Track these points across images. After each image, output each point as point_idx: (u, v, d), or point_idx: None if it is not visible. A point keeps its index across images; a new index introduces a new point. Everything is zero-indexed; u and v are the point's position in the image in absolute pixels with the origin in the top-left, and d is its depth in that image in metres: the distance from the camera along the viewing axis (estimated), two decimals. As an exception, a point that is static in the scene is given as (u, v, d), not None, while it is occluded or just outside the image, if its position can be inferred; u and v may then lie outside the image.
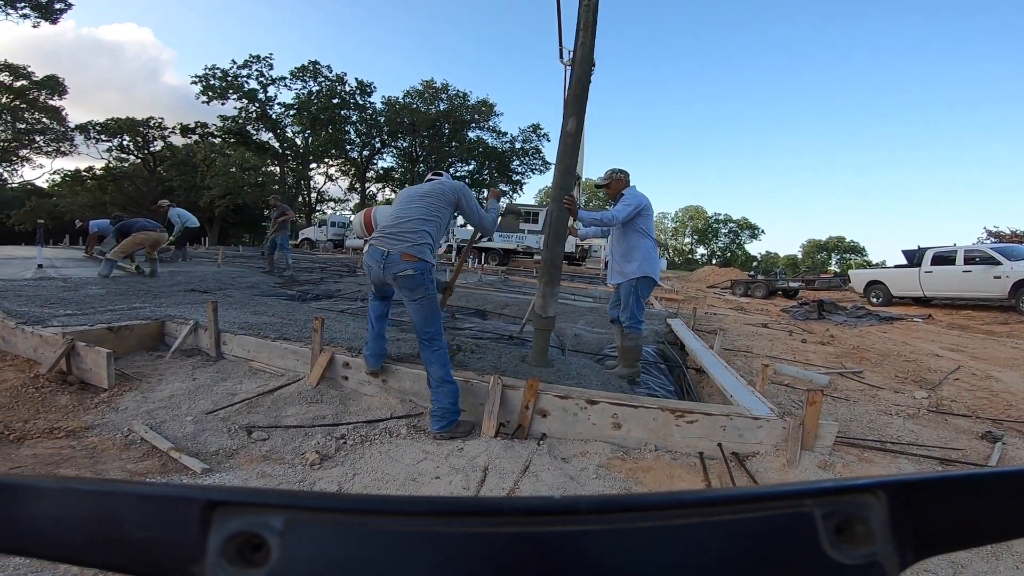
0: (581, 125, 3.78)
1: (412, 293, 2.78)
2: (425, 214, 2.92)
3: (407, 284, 2.78)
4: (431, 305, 2.83)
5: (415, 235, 2.83)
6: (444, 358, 2.83)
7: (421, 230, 2.86)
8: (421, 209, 2.94)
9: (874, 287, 13.99)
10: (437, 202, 2.99)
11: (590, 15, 3.73)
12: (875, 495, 0.29)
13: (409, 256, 2.77)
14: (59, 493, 0.27)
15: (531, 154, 39.69)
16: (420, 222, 2.88)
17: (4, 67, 30.89)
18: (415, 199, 3.00)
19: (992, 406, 4.05)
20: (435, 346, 2.83)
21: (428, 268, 2.81)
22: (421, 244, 2.82)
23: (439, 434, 2.72)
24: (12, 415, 2.72)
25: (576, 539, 0.27)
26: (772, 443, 2.66)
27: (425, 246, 2.83)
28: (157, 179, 38.04)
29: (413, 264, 2.77)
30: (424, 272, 2.79)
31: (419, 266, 2.78)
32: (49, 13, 23.44)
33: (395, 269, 2.78)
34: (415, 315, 2.84)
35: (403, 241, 2.81)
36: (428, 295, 2.81)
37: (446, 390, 2.75)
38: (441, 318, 2.95)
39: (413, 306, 2.82)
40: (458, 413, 2.79)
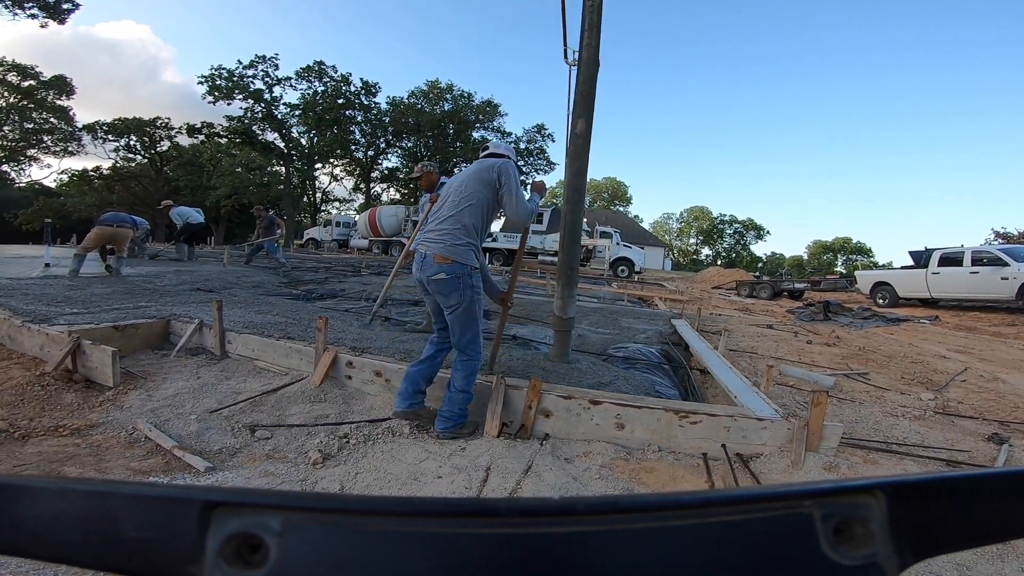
0: (590, 126, 3.79)
1: (446, 299, 2.57)
2: (461, 206, 2.62)
3: (439, 289, 2.55)
4: (468, 314, 2.59)
5: (449, 234, 2.57)
6: (472, 369, 2.67)
7: (456, 228, 2.58)
8: (457, 200, 2.64)
9: (880, 288, 13.91)
10: (474, 187, 2.65)
11: (595, 16, 3.73)
12: (874, 496, 0.29)
13: (442, 258, 2.53)
14: (56, 494, 0.28)
15: (535, 155, 39.64)
16: (455, 219, 2.60)
17: (12, 67, 31.10)
18: (454, 188, 2.71)
19: (999, 408, 4.02)
20: (466, 356, 2.66)
21: (464, 271, 2.53)
22: (456, 244, 2.55)
23: (442, 434, 2.65)
24: (18, 413, 2.74)
25: (574, 540, 0.27)
26: (776, 445, 2.65)
27: (462, 246, 2.56)
28: (164, 179, 38.21)
29: (446, 267, 2.51)
30: (459, 276, 2.52)
31: (453, 269, 2.51)
32: (57, 13, 23.57)
33: (428, 272, 2.57)
34: (451, 324, 2.64)
35: (437, 242, 2.58)
36: (464, 303, 2.55)
37: (461, 398, 2.66)
38: (479, 328, 2.69)
39: (449, 315, 2.62)
40: (465, 417, 2.70)
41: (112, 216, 7.82)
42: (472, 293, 2.57)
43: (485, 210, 2.66)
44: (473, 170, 2.73)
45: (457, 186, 2.71)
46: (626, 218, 54.10)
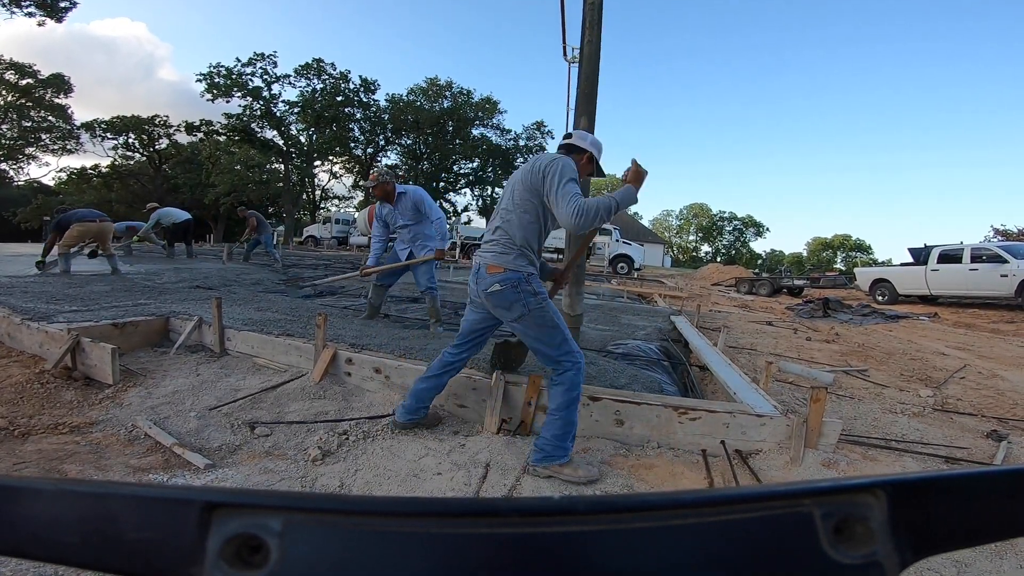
0: (593, 122, 3.79)
1: (509, 312, 2.32)
2: (508, 216, 2.37)
3: (498, 303, 2.32)
4: (541, 320, 2.30)
5: (499, 244, 2.35)
6: (573, 382, 2.30)
7: (505, 239, 2.35)
8: (508, 207, 2.39)
9: (880, 285, 13.94)
10: (521, 193, 2.35)
11: (595, 13, 3.72)
12: (874, 495, 0.29)
13: (495, 267, 2.32)
14: (56, 494, 0.27)
15: (535, 151, 39.58)
16: (503, 230, 2.36)
17: (10, 65, 31.01)
18: (507, 192, 2.46)
19: (998, 405, 4.03)
20: (562, 367, 2.31)
21: (520, 278, 2.29)
22: (506, 252, 2.33)
23: (535, 467, 2.30)
24: (17, 410, 2.74)
25: (575, 540, 0.27)
26: (776, 441, 2.65)
27: (513, 252, 2.32)
28: (163, 177, 38.16)
29: (499, 276, 2.30)
30: (516, 284, 2.28)
31: (507, 278, 2.28)
32: (55, 11, 23.45)
33: (483, 286, 2.35)
34: (525, 339, 2.39)
35: (488, 251, 2.38)
36: (530, 309, 2.28)
37: (559, 422, 2.29)
38: (565, 332, 2.34)
39: (518, 328, 2.36)
40: (566, 451, 2.28)
41: (89, 212, 7.62)
42: (536, 299, 2.30)
43: (536, 220, 2.35)
44: (523, 172, 2.40)
45: (509, 190, 2.45)
46: (625, 215, 54.02)
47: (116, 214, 30.15)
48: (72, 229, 7.17)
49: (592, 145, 2.53)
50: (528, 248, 2.34)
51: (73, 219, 7.29)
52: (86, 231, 7.31)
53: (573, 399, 2.30)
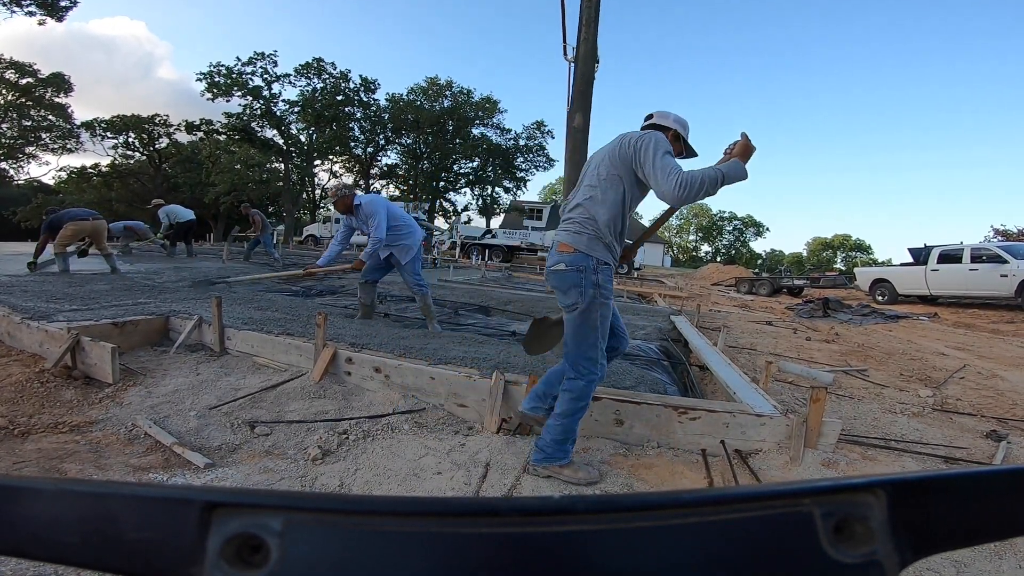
0: (588, 120, 3.79)
1: (564, 296, 2.18)
2: (591, 192, 2.21)
3: (558, 283, 2.19)
4: (585, 319, 2.17)
5: (576, 223, 2.20)
6: (581, 392, 2.22)
7: (585, 218, 2.19)
8: (591, 184, 2.23)
9: (880, 285, 13.94)
10: (608, 168, 2.19)
11: (592, 10, 3.72)
12: (874, 494, 0.29)
13: (565, 246, 2.18)
14: (56, 494, 0.27)
15: (535, 151, 39.59)
16: (584, 208, 2.20)
17: (10, 65, 31.00)
18: (589, 170, 2.29)
19: (997, 405, 4.03)
20: (575, 373, 2.22)
21: (589, 264, 2.13)
22: (581, 233, 2.17)
23: (535, 466, 2.29)
24: (17, 410, 2.74)
25: (575, 539, 0.27)
26: (775, 441, 2.65)
27: (588, 233, 2.16)
28: (163, 176, 38.17)
29: (567, 256, 2.15)
30: (582, 269, 2.13)
31: (575, 259, 2.14)
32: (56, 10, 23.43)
33: (549, 262, 2.22)
34: (565, 329, 2.26)
35: (563, 230, 2.23)
36: (584, 303, 2.14)
37: (559, 427, 2.24)
38: (599, 342, 2.21)
39: (565, 317, 2.24)
40: (564, 454, 2.26)
41: (82, 211, 7.61)
42: (595, 292, 2.14)
43: (622, 197, 2.18)
44: (610, 146, 2.25)
45: (593, 167, 2.28)
46: (625, 215, 53.95)
47: (116, 213, 30.20)
48: (66, 228, 7.18)
49: (676, 122, 2.37)
50: (610, 230, 2.17)
51: (66, 219, 7.30)
52: (79, 230, 7.32)
53: (578, 409, 2.24)
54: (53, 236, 7.18)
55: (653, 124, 2.36)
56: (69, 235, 7.23)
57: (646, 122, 2.40)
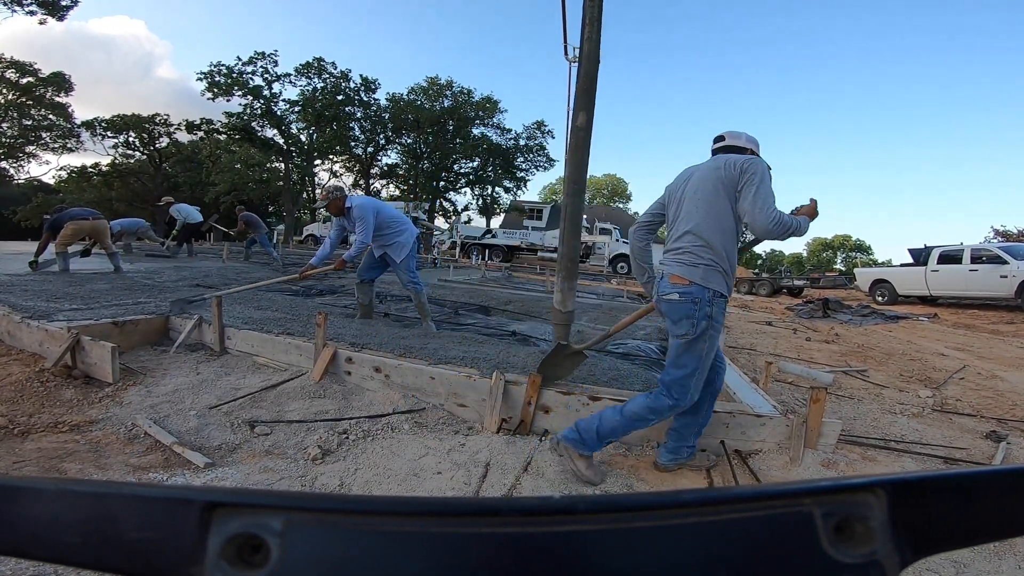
0: (591, 119, 3.79)
1: (675, 326, 2.16)
2: (697, 217, 2.17)
3: (669, 312, 2.17)
4: (692, 349, 2.14)
5: (688, 252, 2.17)
6: (660, 408, 2.19)
7: (697, 245, 2.15)
8: (693, 210, 2.20)
9: (880, 286, 13.95)
10: (712, 191, 2.15)
11: (595, 9, 3.71)
12: (874, 494, 0.29)
13: (679, 278, 2.15)
14: (56, 494, 0.27)
15: (535, 151, 39.57)
16: (694, 235, 2.17)
17: (10, 64, 31.02)
18: (688, 195, 2.25)
19: (997, 406, 4.03)
20: (665, 391, 2.20)
21: (704, 296, 2.10)
22: (698, 264, 2.13)
23: (558, 440, 2.32)
24: (17, 409, 2.74)
25: (575, 539, 0.27)
26: (775, 441, 2.65)
27: (704, 265, 2.13)
28: (163, 175, 38.18)
29: (681, 288, 2.13)
30: (696, 301, 2.10)
31: (690, 291, 2.11)
32: (57, 10, 23.46)
33: (661, 291, 2.22)
34: (669, 352, 2.24)
35: (674, 261, 2.21)
36: (695, 334, 2.11)
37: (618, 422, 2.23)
38: (700, 372, 2.18)
39: (672, 343, 2.21)
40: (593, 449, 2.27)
41: (83, 210, 7.64)
42: (708, 324, 2.11)
43: (734, 221, 2.15)
44: (708, 169, 2.22)
45: (691, 193, 2.24)
46: (626, 215, 53.96)
47: (116, 212, 30.19)
48: (66, 228, 7.22)
49: (749, 141, 2.34)
50: (726, 259, 2.14)
51: (67, 218, 7.33)
52: (79, 229, 7.35)
53: (645, 420, 2.22)
54: (55, 235, 7.21)
55: (728, 146, 2.34)
56: (69, 234, 7.25)
57: (718, 143, 2.38)
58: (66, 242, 7.25)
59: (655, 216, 2.49)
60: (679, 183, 2.34)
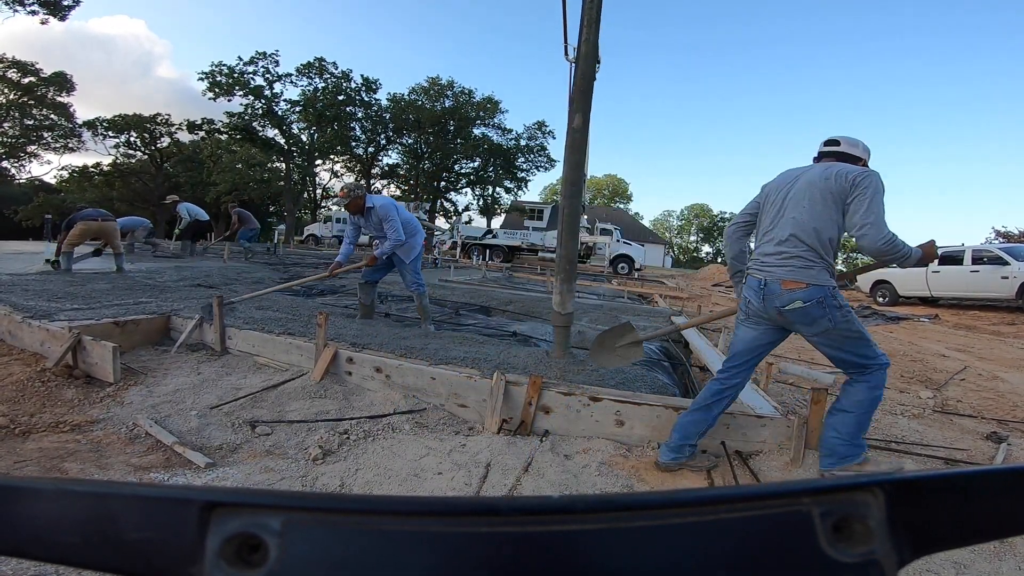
0: (587, 121, 3.78)
1: (812, 328, 2.19)
2: (802, 224, 2.19)
3: (800, 319, 2.19)
4: (848, 330, 2.17)
5: (795, 257, 2.19)
6: (880, 380, 2.21)
7: (803, 251, 2.18)
8: (798, 216, 2.21)
9: (880, 287, 13.92)
10: (818, 198, 2.17)
11: (594, 11, 3.71)
12: (873, 493, 0.29)
13: (794, 283, 2.17)
14: (56, 494, 0.28)
15: (536, 151, 39.59)
16: (797, 241, 2.19)
17: (12, 64, 31.07)
18: (790, 199, 2.26)
19: (998, 407, 4.03)
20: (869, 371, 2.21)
21: (826, 292, 2.14)
22: (809, 267, 2.17)
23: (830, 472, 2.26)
24: (18, 409, 2.75)
25: (574, 539, 0.27)
26: (776, 442, 2.65)
27: (816, 265, 2.17)
28: (164, 175, 38.23)
29: (801, 293, 2.15)
30: (821, 300, 2.13)
31: (810, 293, 2.14)
32: (58, 10, 23.48)
33: (779, 303, 2.20)
34: (827, 350, 2.25)
35: (780, 265, 2.21)
36: (838, 322, 2.15)
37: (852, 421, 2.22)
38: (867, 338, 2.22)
39: (819, 341, 2.24)
40: (861, 450, 2.25)
41: (94, 211, 7.71)
42: (842, 313, 2.15)
43: (834, 231, 2.18)
44: (817, 176, 2.20)
45: (797, 198, 2.24)
46: (626, 215, 54.09)
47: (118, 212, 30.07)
48: (75, 228, 7.31)
49: (865, 152, 2.34)
50: (832, 257, 2.19)
51: (78, 218, 7.43)
52: (87, 230, 7.41)
53: (875, 398, 2.22)
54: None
55: (842, 152, 2.32)
56: (77, 234, 7.35)
57: (830, 147, 2.35)
58: (73, 242, 7.34)
59: (752, 216, 2.50)
60: (782, 184, 2.33)
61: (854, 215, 2.09)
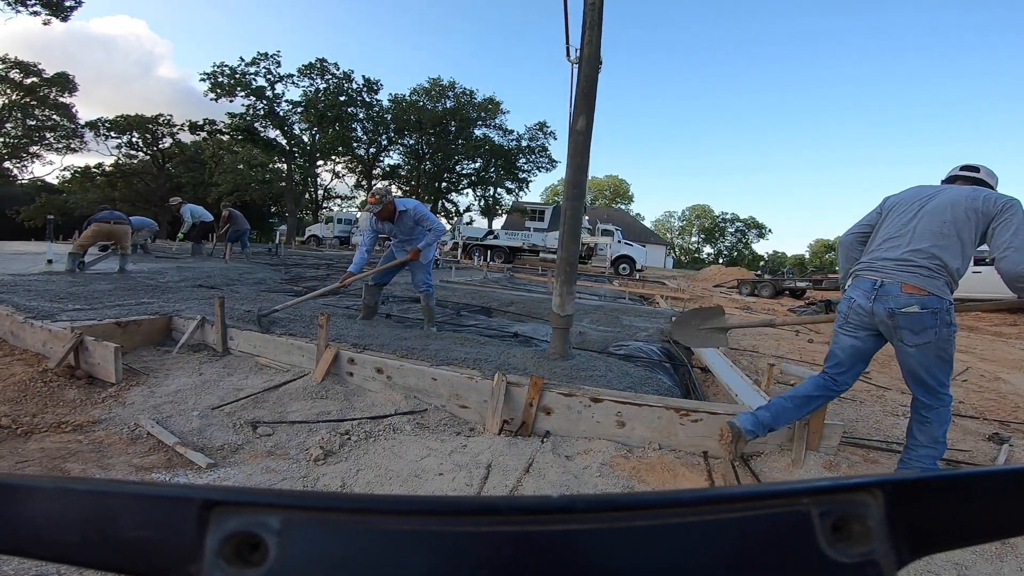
0: (591, 123, 3.78)
1: (914, 336, 2.22)
2: (939, 240, 2.24)
3: (909, 324, 2.22)
4: (940, 352, 2.24)
5: (922, 267, 2.24)
6: (947, 418, 2.36)
7: (934, 264, 2.22)
8: (935, 231, 2.26)
9: (882, 287, 13.88)
10: (959, 218, 2.22)
11: (595, 14, 3.71)
12: (872, 494, 0.29)
13: (915, 288, 2.21)
14: (55, 493, 0.28)
15: (537, 152, 39.64)
16: (930, 254, 2.23)
17: (15, 64, 31.15)
18: (926, 212, 2.31)
19: (1000, 408, 4.02)
20: (939, 402, 2.33)
21: (943, 307, 2.18)
22: (934, 278, 2.21)
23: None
24: (20, 409, 2.75)
25: (574, 538, 0.27)
26: (777, 443, 2.65)
27: (941, 278, 2.21)
28: (166, 176, 38.30)
29: (920, 299, 2.19)
30: (936, 312, 2.18)
31: (929, 302, 2.18)
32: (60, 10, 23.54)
33: (895, 304, 2.24)
34: (914, 363, 2.30)
35: (905, 271, 2.26)
36: (938, 339, 2.20)
37: (933, 453, 2.36)
38: (951, 369, 2.33)
39: (911, 351, 2.27)
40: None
41: (108, 213, 7.77)
42: (948, 331, 2.21)
43: (971, 249, 2.24)
44: (962, 196, 2.26)
45: (936, 213, 2.29)
46: (628, 216, 54.08)
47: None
48: (88, 229, 7.42)
49: (995, 180, 2.45)
50: (957, 278, 2.24)
51: (93, 220, 7.54)
52: (99, 231, 7.49)
53: (945, 431, 2.37)
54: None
55: (979, 179, 2.43)
56: (90, 235, 7.43)
57: (969, 172, 2.46)
58: (84, 244, 7.41)
59: (871, 227, 2.58)
60: (915, 197, 2.40)
61: (1000, 237, 2.14)
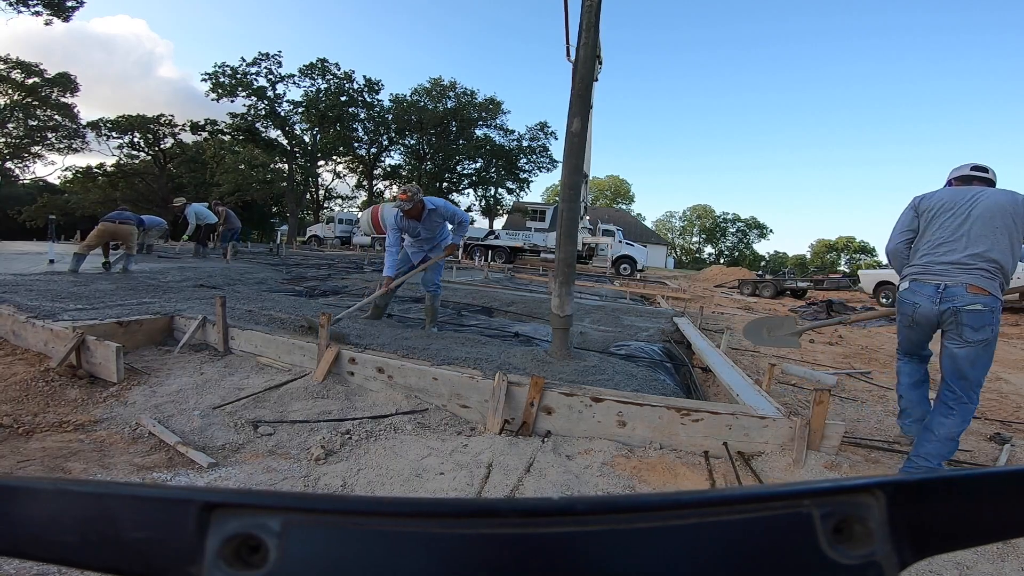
0: (585, 125, 3.78)
1: (975, 333, 2.41)
2: (992, 243, 2.43)
3: (973, 321, 2.40)
4: (989, 350, 2.44)
5: (981, 270, 2.43)
6: (969, 416, 2.49)
7: (992, 267, 2.42)
8: (987, 234, 2.44)
9: (884, 288, 13.87)
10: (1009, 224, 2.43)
11: (592, 16, 3.71)
12: (873, 495, 0.29)
13: (979, 289, 2.40)
14: (55, 494, 0.28)
15: (538, 152, 39.67)
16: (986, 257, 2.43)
17: (16, 64, 31.20)
18: (976, 217, 2.48)
19: (1001, 408, 4.01)
20: (967, 399, 2.48)
21: (996, 306, 2.40)
22: (994, 279, 2.42)
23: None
24: (22, 408, 2.75)
25: (574, 540, 0.27)
26: (778, 443, 2.65)
27: (998, 280, 2.43)
28: (167, 176, 38.36)
29: (984, 299, 2.40)
30: (993, 310, 2.40)
31: (990, 302, 2.40)
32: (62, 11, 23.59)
33: (960, 302, 2.42)
34: (964, 359, 2.46)
35: (967, 272, 2.44)
36: (991, 338, 2.42)
37: (949, 449, 2.50)
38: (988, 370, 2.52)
39: (966, 349, 2.44)
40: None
41: (116, 213, 7.81)
42: (996, 331, 2.44)
43: (1019, 249, 2.46)
44: (1004, 200, 2.46)
45: (985, 217, 2.47)
46: (629, 216, 54.02)
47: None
48: (96, 228, 7.47)
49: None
50: (1010, 277, 2.46)
51: (101, 220, 7.61)
52: (104, 231, 7.53)
53: (963, 431, 2.50)
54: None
55: (991, 180, 2.66)
56: (96, 235, 7.48)
57: (981, 173, 2.67)
58: (90, 244, 7.45)
59: (913, 232, 2.76)
60: (959, 202, 2.56)
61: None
